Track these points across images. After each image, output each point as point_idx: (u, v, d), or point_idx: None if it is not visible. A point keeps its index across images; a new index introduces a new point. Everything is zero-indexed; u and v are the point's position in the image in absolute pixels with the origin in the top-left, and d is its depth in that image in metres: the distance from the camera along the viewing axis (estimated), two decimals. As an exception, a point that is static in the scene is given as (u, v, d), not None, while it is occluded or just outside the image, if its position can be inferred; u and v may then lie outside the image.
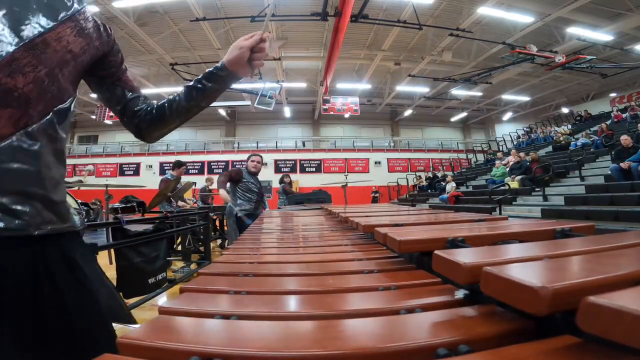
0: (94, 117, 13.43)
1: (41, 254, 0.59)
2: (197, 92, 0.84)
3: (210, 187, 6.33)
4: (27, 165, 0.57)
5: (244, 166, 3.61)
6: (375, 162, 16.00)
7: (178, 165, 4.59)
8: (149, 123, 0.83)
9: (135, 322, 0.70)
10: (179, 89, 0.91)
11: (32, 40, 0.57)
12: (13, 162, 0.55)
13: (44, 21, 0.59)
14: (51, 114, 0.60)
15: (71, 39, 0.63)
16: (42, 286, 0.58)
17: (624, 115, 10.60)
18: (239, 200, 3.48)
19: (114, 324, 0.68)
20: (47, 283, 0.59)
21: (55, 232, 0.61)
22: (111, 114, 12.81)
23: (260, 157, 3.68)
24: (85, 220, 0.89)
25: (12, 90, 0.54)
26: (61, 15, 0.62)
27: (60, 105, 0.62)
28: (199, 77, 0.86)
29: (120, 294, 2.06)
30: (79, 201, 3.80)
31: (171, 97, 0.84)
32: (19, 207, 0.56)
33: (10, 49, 0.54)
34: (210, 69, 0.85)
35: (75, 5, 0.66)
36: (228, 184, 3.40)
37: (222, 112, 15.93)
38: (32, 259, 0.58)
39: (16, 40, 0.55)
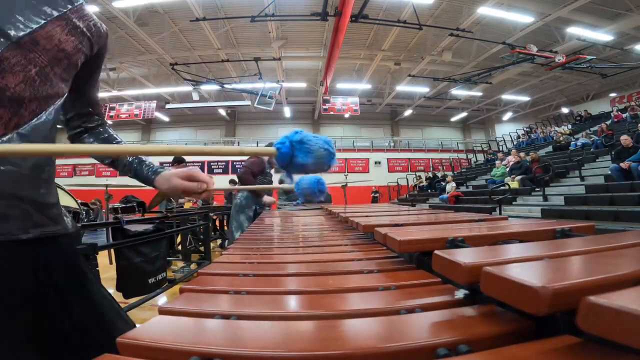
0: (94, 117, 13.40)
1: (37, 257, 0.59)
2: (122, 168, 0.82)
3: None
4: (18, 167, 0.56)
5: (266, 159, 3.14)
6: (375, 162, 15.99)
7: (178, 161, 4.23)
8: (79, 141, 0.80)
9: (133, 324, 0.70)
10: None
11: (21, 39, 0.55)
12: (3, 164, 0.55)
13: (32, 20, 0.58)
14: (44, 113, 0.59)
15: (63, 37, 0.62)
16: (42, 288, 0.59)
17: (624, 115, 10.60)
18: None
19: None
20: (47, 285, 0.60)
21: (46, 236, 0.61)
22: (111, 113, 12.85)
23: None
24: (79, 224, 0.91)
25: (3, 90, 0.53)
26: (51, 13, 0.61)
27: (53, 104, 0.61)
28: (134, 164, 0.81)
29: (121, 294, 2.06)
30: (79, 201, 3.80)
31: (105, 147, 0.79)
32: (9, 211, 0.56)
33: None
34: (145, 173, 0.80)
35: (68, 5, 0.64)
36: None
37: (222, 112, 15.93)
38: (28, 261, 0.58)
39: (2, 40, 0.54)
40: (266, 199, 3.07)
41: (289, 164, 0.54)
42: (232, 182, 7.12)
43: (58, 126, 0.66)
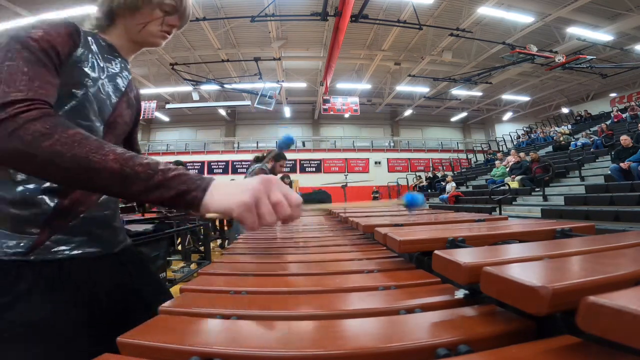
0: (94, 117, 13.41)
1: (122, 262, 0.80)
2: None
3: None
4: (111, 209, 0.78)
5: (269, 165, 3.09)
6: (375, 162, 16.00)
7: (177, 164, 4.47)
8: None
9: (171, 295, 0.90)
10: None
11: (107, 120, 0.73)
12: (106, 209, 0.75)
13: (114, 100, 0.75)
14: None
15: (125, 111, 0.78)
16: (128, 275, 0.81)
17: (624, 115, 10.60)
18: None
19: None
20: (129, 271, 0.81)
21: (124, 247, 0.82)
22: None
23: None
24: None
25: None
26: (120, 89, 0.76)
27: None
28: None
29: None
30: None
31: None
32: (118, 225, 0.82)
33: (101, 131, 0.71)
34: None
35: (126, 81, 0.79)
36: None
37: (222, 112, 15.93)
38: (118, 265, 0.78)
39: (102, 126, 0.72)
40: None
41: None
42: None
43: None
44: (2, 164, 0.52)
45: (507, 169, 8.28)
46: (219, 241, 5.95)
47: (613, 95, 14.21)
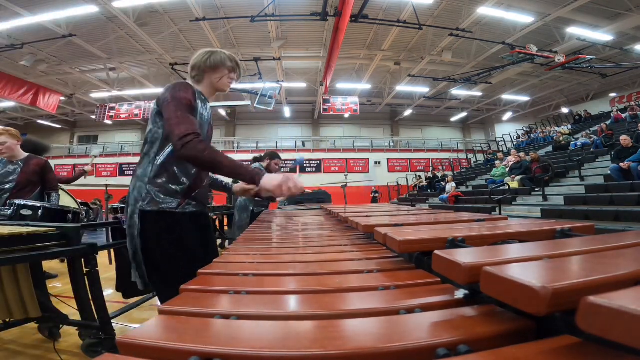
0: (93, 117, 13.43)
1: (208, 216, 1.44)
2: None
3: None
4: (208, 190, 1.44)
5: (262, 164, 3.48)
6: (375, 162, 16.00)
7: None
8: None
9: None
10: None
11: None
12: (206, 190, 1.37)
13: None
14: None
15: (211, 131, 1.40)
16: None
17: (623, 115, 10.60)
18: (257, 198, 3.47)
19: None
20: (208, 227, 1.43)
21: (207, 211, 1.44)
22: (111, 114, 12.84)
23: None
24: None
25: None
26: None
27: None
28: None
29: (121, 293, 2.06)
30: (79, 201, 3.80)
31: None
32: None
33: None
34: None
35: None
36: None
37: (222, 112, 15.93)
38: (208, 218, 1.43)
39: None
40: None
41: None
42: (233, 181, 7.24)
43: None
44: (191, 162, 1.15)
45: (507, 169, 8.28)
46: (219, 241, 5.95)
47: (613, 95, 14.21)
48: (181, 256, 1.16)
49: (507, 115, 17.11)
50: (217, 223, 5.72)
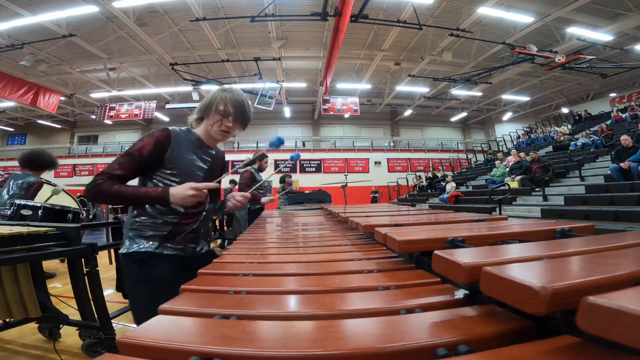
0: (93, 117, 13.42)
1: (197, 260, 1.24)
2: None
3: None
4: (199, 234, 1.27)
5: (254, 166, 3.55)
6: (375, 162, 16.00)
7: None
8: None
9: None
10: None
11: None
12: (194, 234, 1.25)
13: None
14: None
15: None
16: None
17: (623, 115, 10.59)
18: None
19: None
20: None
21: (205, 253, 1.28)
22: (111, 113, 12.84)
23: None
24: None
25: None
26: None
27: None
28: None
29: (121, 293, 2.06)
30: (78, 194, 3.80)
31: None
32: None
33: None
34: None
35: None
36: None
37: (222, 112, 15.90)
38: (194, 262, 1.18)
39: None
40: (264, 199, 3.46)
41: None
42: (232, 182, 7.35)
43: None
44: (90, 200, 1.10)
45: (507, 169, 8.27)
46: (219, 241, 5.95)
47: (613, 95, 14.21)
48: (157, 296, 1.09)
49: (507, 115, 17.10)
50: (217, 223, 5.73)
